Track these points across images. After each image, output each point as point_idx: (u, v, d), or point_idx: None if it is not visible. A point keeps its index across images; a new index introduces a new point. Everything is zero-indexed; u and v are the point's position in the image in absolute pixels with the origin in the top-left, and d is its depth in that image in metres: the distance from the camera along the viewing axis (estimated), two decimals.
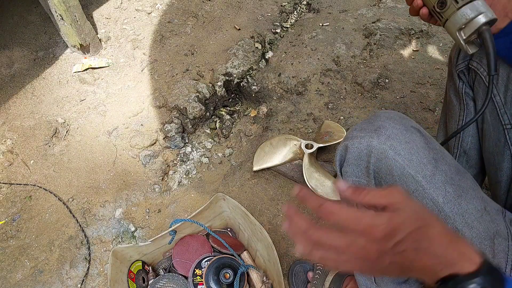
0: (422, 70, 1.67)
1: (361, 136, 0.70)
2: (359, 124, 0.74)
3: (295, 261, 1.18)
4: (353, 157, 0.71)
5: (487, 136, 0.84)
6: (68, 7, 1.67)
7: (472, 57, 0.82)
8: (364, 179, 0.71)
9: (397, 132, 0.67)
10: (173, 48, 1.87)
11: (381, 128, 0.68)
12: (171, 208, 1.38)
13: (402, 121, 0.70)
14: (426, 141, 0.67)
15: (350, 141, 0.71)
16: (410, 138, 0.67)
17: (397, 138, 0.67)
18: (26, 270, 1.25)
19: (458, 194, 0.62)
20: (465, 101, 0.88)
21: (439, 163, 0.65)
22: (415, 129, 0.69)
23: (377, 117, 0.71)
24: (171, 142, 1.55)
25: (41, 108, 1.68)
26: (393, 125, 0.68)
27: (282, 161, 1.42)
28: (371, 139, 0.68)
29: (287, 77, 1.71)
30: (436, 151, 0.67)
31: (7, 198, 1.42)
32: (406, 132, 0.67)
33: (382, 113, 0.72)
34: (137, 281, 1.08)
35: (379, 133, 0.68)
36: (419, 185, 0.64)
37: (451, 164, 0.66)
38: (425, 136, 0.69)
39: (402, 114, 0.73)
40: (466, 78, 0.86)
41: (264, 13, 2.06)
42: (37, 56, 1.87)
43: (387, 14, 1.96)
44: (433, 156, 0.65)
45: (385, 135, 0.67)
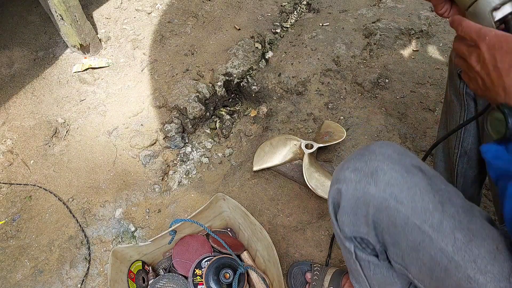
0: (422, 70, 1.67)
1: (356, 180, 0.63)
2: (351, 159, 0.67)
3: (292, 263, 1.18)
4: (348, 206, 0.65)
5: (488, 135, 0.83)
6: (68, 7, 1.67)
7: None
8: (364, 229, 0.66)
9: (397, 176, 0.61)
10: (173, 48, 1.87)
11: (378, 171, 0.62)
12: (171, 208, 1.38)
13: (401, 160, 0.63)
14: (429, 182, 0.61)
15: (343, 184, 0.65)
16: (412, 182, 0.60)
17: (398, 184, 0.60)
18: (26, 270, 1.25)
19: (468, 239, 0.56)
20: (466, 101, 0.86)
21: (446, 206, 0.59)
22: (416, 168, 0.62)
23: (371, 153, 0.64)
24: (171, 142, 1.55)
25: (41, 108, 1.68)
26: (391, 167, 0.61)
27: (282, 161, 1.42)
28: (368, 185, 0.62)
29: (287, 77, 1.71)
30: (441, 192, 0.60)
31: (7, 198, 1.42)
32: (407, 174, 0.61)
33: (377, 147, 0.65)
34: (137, 281, 1.08)
35: (376, 178, 0.61)
36: (426, 235, 0.58)
37: (458, 204, 0.60)
38: (428, 175, 0.62)
39: (399, 147, 0.66)
40: None
41: (264, 13, 2.06)
42: (37, 56, 1.87)
43: (387, 14, 1.96)
44: (439, 199, 0.59)
45: (384, 181, 0.61)
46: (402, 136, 1.48)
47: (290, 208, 1.34)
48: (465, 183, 0.96)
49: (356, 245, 0.71)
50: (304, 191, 1.38)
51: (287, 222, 1.31)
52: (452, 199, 0.60)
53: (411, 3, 2.00)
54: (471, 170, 0.94)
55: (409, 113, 1.54)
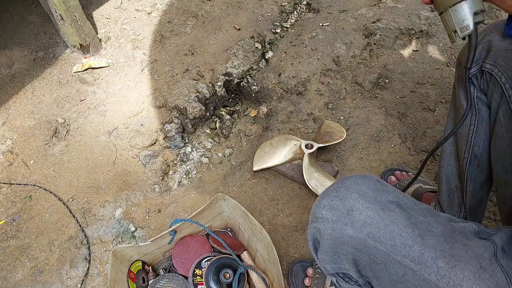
0: (422, 70, 1.67)
1: (333, 220, 0.63)
2: (327, 195, 0.66)
3: (294, 261, 1.18)
4: (328, 245, 0.66)
5: (499, 136, 0.82)
6: (68, 7, 1.67)
7: (485, 59, 0.79)
8: (345, 265, 0.66)
9: (374, 215, 0.61)
10: (173, 48, 1.87)
11: (354, 211, 0.62)
12: (171, 208, 1.38)
13: (377, 198, 0.63)
14: (407, 216, 0.61)
15: (321, 224, 0.65)
16: (389, 220, 0.61)
17: (375, 223, 0.61)
18: (26, 270, 1.25)
19: (451, 265, 0.58)
20: (477, 105, 0.85)
21: (426, 238, 0.59)
22: (393, 204, 0.63)
23: (346, 190, 0.65)
24: (171, 142, 1.55)
25: (41, 108, 1.68)
26: (367, 206, 0.62)
27: (282, 161, 1.42)
28: (345, 226, 0.62)
29: (287, 77, 1.71)
30: (420, 224, 0.61)
31: (7, 198, 1.42)
32: (384, 212, 0.61)
33: (352, 183, 0.65)
34: (137, 281, 1.08)
35: (352, 218, 0.62)
36: (408, 268, 0.59)
37: (439, 233, 0.61)
38: (406, 209, 0.63)
39: (375, 182, 0.66)
40: (478, 82, 0.83)
41: (264, 13, 2.06)
42: (37, 56, 1.87)
43: (387, 14, 1.96)
44: (418, 233, 0.60)
45: (361, 221, 0.61)
46: (402, 136, 1.48)
47: (290, 208, 1.34)
48: (475, 187, 0.94)
49: (339, 279, 0.72)
50: (304, 191, 1.38)
51: (287, 222, 1.31)
52: (432, 228, 0.61)
53: (411, 3, 2.00)
54: (481, 174, 0.93)
55: (409, 113, 1.54)
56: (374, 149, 1.46)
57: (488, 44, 0.79)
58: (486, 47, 0.79)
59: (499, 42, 0.77)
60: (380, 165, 1.41)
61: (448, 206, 1.03)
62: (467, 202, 0.97)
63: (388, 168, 1.38)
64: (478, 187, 0.95)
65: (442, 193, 1.03)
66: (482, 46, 0.80)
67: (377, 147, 1.47)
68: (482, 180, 0.94)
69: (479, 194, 0.96)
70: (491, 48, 0.78)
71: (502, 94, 0.77)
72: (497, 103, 0.80)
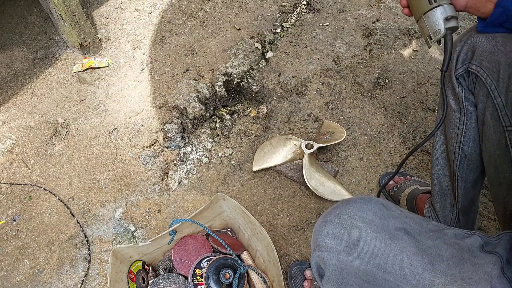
0: (422, 70, 1.67)
1: (338, 250, 0.61)
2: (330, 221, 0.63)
3: (292, 263, 1.17)
4: (333, 275, 0.63)
5: (488, 137, 0.83)
6: (68, 7, 1.67)
7: (472, 60, 0.81)
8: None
9: (382, 245, 0.59)
10: (173, 48, 1.87)
11: (360, 241, 0.60)
12: (171, 208, 1.38)
13: (384, 225, 0.61)
14: (416, 243, 0.60)
15: (325, 253, 0.62)
16: (398, 249, 0.59)
17: (383, 253, 0.59)
18: (26, 270, 1.25)
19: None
20: (465, 105, 0.86)
21: (436, 264, 0.58)
22: (401, 231, 0.61)
23: (351, 217, 0.62)
24: (171, 142, 1.55)
25: (41, 108, 1.68)
26: (374, 236, 0.59)
27: (282, 161, 1.42)
28: (351, 257, 0.60)
29: (287, 77, 1.71)
30: (429, 250, 0.60)
31: (7, 198, 1.42)
32: (392, 241, 0.59)
33: (356, 210, 0.62)
34: (137, 281, 1.08)
35: (359, 249, 0.59)
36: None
37: (448, 257, 0.59)
38: (414, 235, 0.61)
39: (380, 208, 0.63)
40: (465, 82, 0.84)
41: (264, 13, 2.06)
42: (37, 56, 1.87)
43: (387, 14, 1.96)
44: (428, 259, 0.58)
45: (368, 253, 0.59)
46: (402, 136, 1.48)
47: (290, 208, 1.34)
48: (466, 187, 0.95)
49: None
50: (304, 191, 1.38)
51: (287, 222, 1.31)
52: (441, 252, 0.60)
53: None
54: (471, 173, 0.93)
55: (409, 113, 1.54)
56: (374, 149, 1.46)
57: (473, 45, 0.80)
58: (471, 48, 0.80)
59: (484, 44, 0.78)
60: (380, 165, 1.41)
61: (440, 207, 1.03)
62: (459, 202, 0.97)
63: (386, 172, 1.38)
64: (470, 187, 0.95)
65: (435, 194, 1.03)
66: (467, 47, 0.81)
67: (377, 147, 1.47)
68: (473, 179, 0.94)
69: (471, 193, 0.97)
70: (476, 50, 0.79)
71: (488, 96, 0.78)
72: (483, 104, 0.80)
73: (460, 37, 0.85)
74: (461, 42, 0.83)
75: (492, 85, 0.77)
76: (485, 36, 0.78)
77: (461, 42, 0.83)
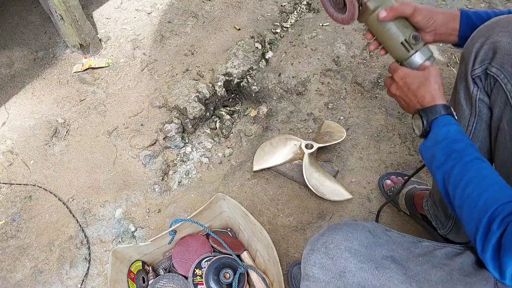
0: None
1: (325, 280, 0.60)
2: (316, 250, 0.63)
3: (292, 263, 1.17)
4: None
5: (502, 145, 0.78)
6: (68, 7, 1.67)
7: (492, 62, 0.74)
8: None
9: (368, 276, 0.58)
10: (173, 48, 1.87)
11: (346, 272, 0.59)
12: (171, 208, 1.38)
13: (370, 254, 0.60)
14: (403, 271, 0.59)
15: (313, 283, 0.62)
16: (385, 279, 0.58)
17: (370, 284, 0.58)
18: (26, 270, 1.25)
19: None
20: (478, 107, 0.81)
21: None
22: (387, 260, 0.60)
23: (336, 247, 0.61)
24: (171, 142, 1.55)
25: (41, 108, 1.68)
26: (360, 267, 0.59)
27: (282, 161, 1.42)
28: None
29: (287, 77, 1.71)
30: (417, 276, 0.59)
31: (7, 198, 1.42)
32: (378, 271, 0.59)
33: (342, 239, 0.62)
34: (137, 281, 1.08)
35: (345, 281, 0.59)
36: None
37: (437, 280, 0.59)
38: (401, 263, 0.60)
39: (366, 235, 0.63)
40: (482, 84, 0.78)
41: (264, 13, 2.06)
42: (37, 56, 1.87)
43: None
44: (416, 286, 0.58)
45: (355, 284, 0.58)
46: (402, 136, 1.48)
47: (290, 208, 1.34)
48: None
49: None
50: (304, 191, 1.38)
51: (287, 222, 1.31)
52: (430, 277, 0.59)
53: None
54: None
55: (409, 113, 1.54)
56: (374, 149, 1.46)
57: (495, 45, 0.73)
58: (492, 48, 0.74)
59: (508, 46, 0.71)
60: (380, 165, 1.41)
61: (441, 202, 1.03)
62: None
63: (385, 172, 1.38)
64: None
65: (437, 192, 1.03)
66: (488, 46, 0.74)
67: (377, 147, 1.47)
68: None
69: None
70: (498, 51, 0.73)
71: (507, 102, 0.73)
72: (500, 110, 0.76)
73: (480, 31, 0.78)
74: (481, 38, 0.76)
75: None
76: (511, 36, 0.72)
77: (481, 38, 0.76)
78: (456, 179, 0.63)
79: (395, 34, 0.79)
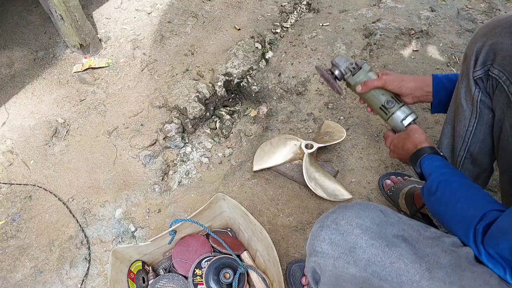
0: (422, 70, 1.67)
1: (334, 256, 0.60)
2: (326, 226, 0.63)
3: (292, 261, 1.18)
4: (329, 281, 0.63)
5: (505, 147, 0.78)
6: (68, 7, 1.67)
7: (494, 64, 0.73)
8: None
9: (378, 253, 0.58)
10: (173, 48, 1.87)
11: (356, 248, 0.59)
12: (171, 208, 1.38)
13: (381, 232, 0.60)
14: (414, 250, 0.59)
15: (321, 259, 0.62)
16: (395, 257, 0.58)
17: (379, 261, 0.58)
18: (26, 270, 1.25)
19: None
20: (479, 108, 0.81)
21: (434, 271, 0.57)
22: (398, 239, 0.60)
23: (348, 224, 0.61)
24: (171, 142, 1.55)
25: (41, 108, 1.68)
26: (371, 243, 0.59)
27: (282, 161, 1.42)
28: (347, 264, 0.59)
29: (287, 77, 1.71)
30: (427, 257, 0.59)
31: (7, 198, 1.42)
32: (389, 249, 0.58)
33: (354, 216, 0.62)
34: (137, 281, 1.08)
35: (355, 256, 0.59)
36: None
37: (446, 264, 0.59)
38: (412, 242, 0.60)
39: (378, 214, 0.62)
40: (483, 85, 0.78)
41: (264, 13, 2.06)
42: (37, 56, 1.87)
43: (387, 14, 1.96)
44: (426, 266, 0.57)
45: (364, 260, 0.58)
46: None
47: (290, 208, 1.34)
48: None
49: None
50: (304, 191, 1.38)
51: (287, 222, 1.31)
52: (440, 260, 0.59)
53: (411, 3, 2.00)
54: (475, 168, 0.92)
55: None
56: (374, 149, 1.46)
57: (495, 46, 0.73)
58: (493, 49, 0.73)
59: (510, 47, 0.70)
60: (380, 165, 1.41)
61: None
62: None
63: (385, 172, 1.38)
64: (473, 179, 0.95)
65: None
66: (489, 47, 0.74)
67: (377, 147, 1.47)
68: (476, 173, 0.94)
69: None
70: (499, 52, 0.72)
71: (509, 104, 0.73)
72: (502, 112, 0.75)
73: (481, 30, 0.77)
74: (482, 38, 0.75)
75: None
76: (506, 37, 0.71)
77: (482, 38, 0.75)
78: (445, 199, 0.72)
79: (374, 101, 0.98)
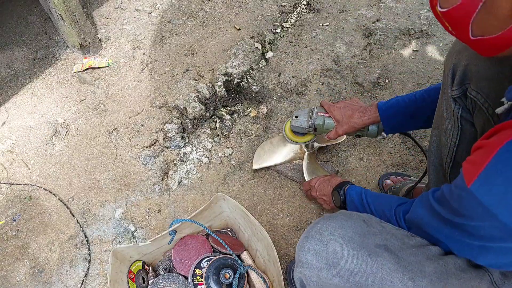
0: (422, 70, 1.67)
1: (318, 267, 0.62)
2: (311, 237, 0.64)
3: (291, 261, 1.18)
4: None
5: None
6: (68, 7, 1.67)
7: (471, 85, 0.72)
8: None
9: (360, 263, 0.59)
10: (173, 48, 1.87)
11: (339, 259, 0.60)
12: (171, 208, 1.38)
13: (363, 242, 0.61)
14: (396, 260, 0.59)
15: (306, 270, 0.63)
16: (377, 266, 0.59)
17: (362, 271, 0.59)
18: (26, 270, 1.25)
19: None
20: (461, 124, 0.80)
21: (417, 280, 0.58)
22: (381, 248, 0.60)
23: (330, 234, 0.62)
24: (171, 142, 1.55)
25: (41, 108, 1.68)
26: (353, 254, 0.60)
27: (282, 160, 1.42)
28: (330, 275, 0.60)
29: (287, 77, 1.71)
30: (410, 266, 0.59)
31: (7, 198, 1.42)
32: (371, 259, 0.59)
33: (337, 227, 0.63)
34: (137, 281, 1.08)
35: (338, 267, 0.60)
36: None
37: (431, 272, 0.59)
38: (394, 252, 0.61)
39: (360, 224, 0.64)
40: (463, 103, 0.77)
41: (264, 13, 2.06)
42: (37, 56, 1.87)
43: (387, 14, 1.95)
44: (409, 275, 0.58)
45: (347, 271, 0.59)
46: (402, 136, 1.47)
47: (290, 208, 1.34)
48: None
49: None
50: None
51: (287, 222, 1.31)
52: (424, 268, 0.59)
53: (411, 3, 2.00)
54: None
55: None
56: (374, 149, 1.46)
57: (470, 68, 0.73)
58: (469, 70, 0.73)
59: (483, 70, 0.70)
60: (380, 165, 1.41)
61: None
62: None
63: (385, 172, 1.38)
64: None
65: (432, 181, 1.03)
66: (464, 67, 0.74)
67: (377, 147, 1.47)
68: None
69: None
70: (474, 74, 0.72)
71: (488, 123, 0.72)
72: (482, 129, 0.75)
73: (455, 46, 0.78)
74: (457, 55, 0.75)
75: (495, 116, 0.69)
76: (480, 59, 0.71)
77: (457, 55, 0.75)
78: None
79: None
